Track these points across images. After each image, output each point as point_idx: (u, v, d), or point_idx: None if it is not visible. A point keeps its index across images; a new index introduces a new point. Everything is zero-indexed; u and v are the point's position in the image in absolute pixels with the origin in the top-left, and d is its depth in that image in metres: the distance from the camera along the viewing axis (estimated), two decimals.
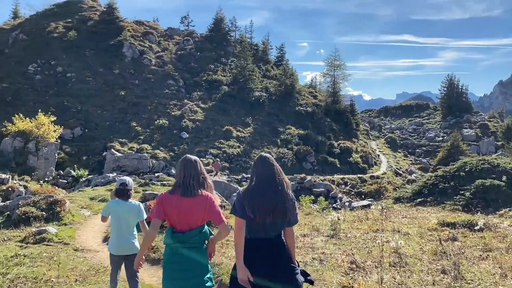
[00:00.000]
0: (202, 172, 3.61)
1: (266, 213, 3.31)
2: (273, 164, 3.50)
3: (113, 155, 29.06)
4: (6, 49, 48.23)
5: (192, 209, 3.43)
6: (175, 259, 3.46)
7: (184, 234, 3.42)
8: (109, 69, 44.62)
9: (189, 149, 33.03)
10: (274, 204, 3.33)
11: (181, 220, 3.42)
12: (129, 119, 37.19)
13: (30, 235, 10.89)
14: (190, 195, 3.44)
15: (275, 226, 3.38)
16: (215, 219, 3.54)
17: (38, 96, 38.20)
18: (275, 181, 3.42)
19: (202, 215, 3.49)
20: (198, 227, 3.48)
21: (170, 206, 3.43)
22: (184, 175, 3.51)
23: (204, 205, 3.48)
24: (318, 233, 11.87)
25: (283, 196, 3.39)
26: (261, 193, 3.36)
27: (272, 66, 62.80)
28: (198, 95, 43.43)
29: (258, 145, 37.17)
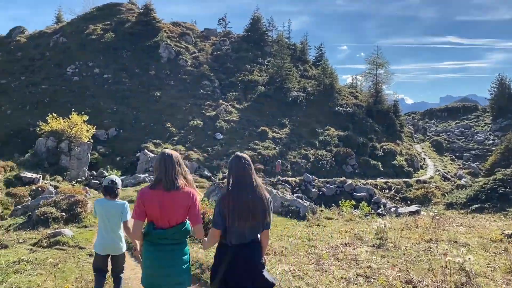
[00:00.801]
0: (182, 166, 3.55)
1: (246, 218, 3.27)
2: (249, 165, 3.43)
3: (146, 156, 28.63)
4: (47, 52, 49.62)
5: (175, 203, 3.37)
6: (155, 255, 3.42)
7: (165, 231, 3.38)
8: (145, 70, 44.74)
9: (223, 150, 32.21)
10: (253, 208, 3.29)
11: (163, 215, 3.36)
12: (164, 120, 36.88)
13: (44, 237, 10.19)
14: (174, 188, 3.36)
15: (253, 230, 3.36)
16: (192, 219, 3.46)
17: (75, 97, 38.69)
18: (252, 183, 3.36)
19: (184, 211, 3.42)
20: (179, 224, 3.41)
21: (151, 201, 3.36)
22: (165, 169, 3.42)
23: (187, 201, 3.41)
24: (361, 243, 10.50)
25: (261, 199, 3.34)
26: (240, 198, 3.30)
27: (311, 66, 61.24)
28: (233, 96, 42.64)
29: (295, 146, 35.76)
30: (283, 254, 8.69)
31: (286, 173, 30.77)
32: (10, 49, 53.42)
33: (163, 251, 3.42)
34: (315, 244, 10.18)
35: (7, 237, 10.92)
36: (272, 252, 8.74)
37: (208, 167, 29.14)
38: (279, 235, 11.65)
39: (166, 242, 3.41)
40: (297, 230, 13.08)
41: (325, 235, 12.29)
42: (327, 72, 51.31)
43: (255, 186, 3.38)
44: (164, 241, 3.41)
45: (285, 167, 31.55)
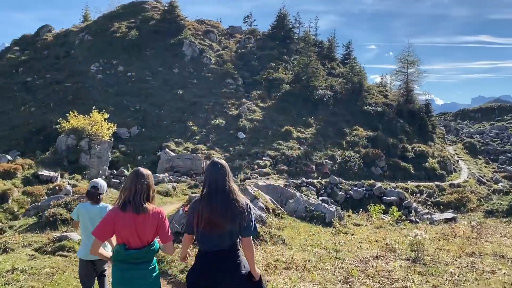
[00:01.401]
0: (151, 186, 3.61)
1: (217, 224, 3.26)
2: (224, 171, 3.47)
3: (167, 155, 28.14)
4: (72, 50, 50.16)
5: (146, 225, 3.47)
6: (127, 275, 3.47)
7: (138, 251, 3.46)
8: (169, 68, 44.50)
9: (245, 149, 31.40)
10: (225, 214, 3.28)
11: (134, 238, 3.44)
12: (186, 118, 36.40)
13: (49, 241, 9.58)
14: (143, 211, 3.45)
15: (227, 236, 3.32)
16: (163, 237, 3.57)
17: (98, 95, 38.73)
18: (225, 189, 3.37)
19: (154, 231, 3.53)
20: (150, 244, 3.53)
21: (123, 224, 3.42)
22: (135, 190, 3.49)
23: (156, 221, 3.52)
24: (394, 255, 9.43)
25: (233, 204, 3.33)
26: (211, 203, 3.32)
27: (338, 64, 59.75)
28: (257, 94, 41.78)
29: (321, 147, 34.57)
30: (306, 268, 7.73)
31: (311, 175, 29.67)
32: (37, 48, 54.38)
33: (136, 270, 3.49)
34: (342, 256, 9.18)
35: (13, 239, 10.38)
36: (294, 266, 7.80)
37: (230, 167, 28.29)
38: (302, 244, 10.67)
39: (137, 261, 3.49)
40: (322, 239, 12.07)
41: (353, 244, 11.26)
42: (355, 70, 49.76)
43: (228, 191, 3.37)
44: (136, 260, 3.48)
45: (310, 168, 30.42)
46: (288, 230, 13.03)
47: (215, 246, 3.31)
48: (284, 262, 8.08)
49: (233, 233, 3.34)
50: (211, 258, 3.31)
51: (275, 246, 9.88)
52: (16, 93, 41.99)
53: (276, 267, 7.60)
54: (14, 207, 16.92)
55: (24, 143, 32.48)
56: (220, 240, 3.31)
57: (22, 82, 44.10)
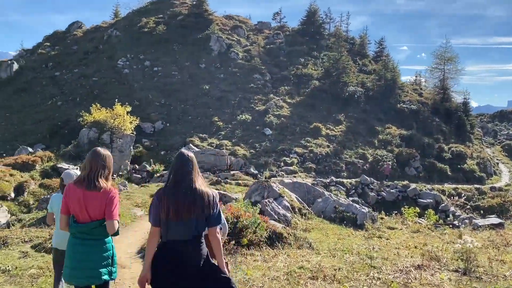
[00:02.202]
0: (109, 166, 3.76)
1: (179, 212, 3.29)
2: (191, 161, 3.48)
3: (190, 150, 27.31)
4: (100, 45, 50.37)
5: (95, 202, 3.58)
6: (75, 249, 3.58)
7: (84, 225, 3.57)
8: (195, 63, 43.87)
9: (271, 146, 30.23)
10: (187, 202, 3.30)
11: (82, 211, 3.57)
12: (211, 113, 35.58)
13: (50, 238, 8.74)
14: (94, 189, 3.59)
15: (190, 226, 3.33)
16: (107, 213, 3.61)
17: (124, 89, 38.46)
18: (190, 179, 3.39)
19: (102, 209, 3.61)
20: (98, 220, 3.60)
21: (73, 198, 3.58)
22: (90, 168, 3.64)
23: (105, 198, 3.61)
24: (439, 265, 8.13)
25: (197, 194, 3.34)
26: (175, 191, 3.34)
27: (370, 61, 57.73)
28: (285, 90, 40.53)
29: (351, 145, 32.98)
30: (335, 279, 6.51)
31: (341, 174, 28.22)
32: (66, 43, 55.04)
33: (83, 245, 3.57)
34: (378, 265, 7.91)
35: (14, 234, 9.63)
36: (321, 276, 6.58)
37: (255, 164, 27.27)
38: (331, 248, 9.44)
39: (87, 236, 3.57)
40: (353, 243, 10.78)
41: (389, 251, 9.93)
42: (388, 66, 47.73)
43: (193, 182, 3.39)
44: (84, 236, 3.57)
45: (339, 167, 28.96)
46: (315, 232, 11.81)
47: (180, 236, 3.32)
48: (310, 270, 6.89)
49: (199, 223, 3.35)
50: (175, 248, 3.32)
51: (300, 250, 8.70)
52: (44, 87, 42.39)
53: (300, 276, 6.42)
54: (29, 200, 16.42)
55: (49, 137, 32.47)
56: (185, 230, 3.32)
57: (50, 77, 44.53)
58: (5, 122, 36.94)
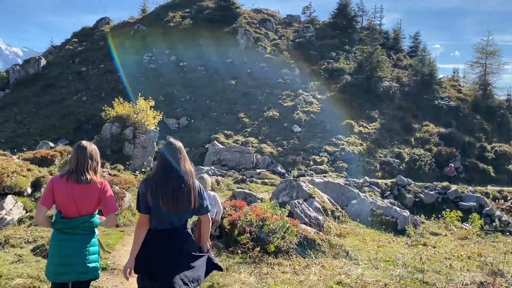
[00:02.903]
0: (95, 157, 3.73)
1: (169, 202, 3.32)
2: (179, 151, 3.49)
3: (215, 147, 26.49)
4: (126, 41, 50.34)
5: (85, 196, 3.53)
6: (63, 245, 3.48)
7: (72, 220, 3.49)
8: (222, 58, 43.07)
9: (300, 144, 29.01)
10: (176, 192, 3.34)
11: (71, 206, 3.49)
12: (237, 110, 34.67)
13: None
14: (83, 181, 3.53)
15: (179, 215, 3.41)
16: (104, 209, 3.62)
17: (149, 84, 38.06)
18: (178, 169, 3.41)
19: (94, 203, 3.59)
20: (87, 215, 3.56)
21: (60, 192, 3.48)
22: (78, 161, 3.58)
23: (97, 192, 3.59)
24: (507, 284, 6.88)
25: (185, 184, 3.39)
26: (163, 181, 3.37)
27: (405, 55, 55.60)
28: (315, 85, 39.14)
29: (386, 143, 31.36)
30: None
31: (375, 174, 26.73)
32: (93, 39, 55.43)
33: (69, 240, 3.50)
34: (431, 281, 6.69)
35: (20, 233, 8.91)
36: None
37: (282, 162, 26.15)
38: (372, 258, 8.24)
39: (75, 231, 3.51)
40: (396, 251, 9.54)
41: (439, 262, 8.65)
42: (425, 61, 45.56)
43: (182, 172, 3.42)
44: (71, 231, 3.50)
45: (373, 166, 27.48)
46: (351, 238, 10.61)
47: (167, 224, 3.39)
48: (351, 286, 5.74)
49: (188, 211, 3.46)
50: (165, 236, 3.38)
51: (336, 260, 7.56)
52: (70, 82, 42.60)
53: None
54: None
55: (73, 132, 32.40)
56: (175, 218, 3.40)
57: (76, 72, 44.78)
58: (32, 117, 37.21)
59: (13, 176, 16.03)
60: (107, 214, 3.63)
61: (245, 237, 7.30)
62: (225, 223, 7.54)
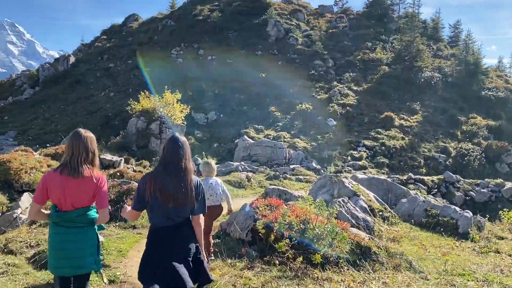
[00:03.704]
0: (92, 149, 3.55)
1: (167, 199, 3.26)
2: (182, 148, 3.40)
3: (244, 142, 25.19)
4: (155, 36, 49.91)
5: (79, 190, 3.40)
6: (59, 238, 3.41)
7: (67, 213, 3.38)
8: (251, 50, 41.79)
9: (336, 138, 27.31)
10: (176, 189, 3.28)
11: (66, 200, 3.37)
12: (268, 103, 33.25)
13: None
14: (78, 175, 3.38)
15: (177, 212, 3.34)
16: (98, 202, 3.49)
17: (177, 79, 37.16)
18: (180, 165, 3.34)
19: (89, 197, 3.45)
20: (83, 208, 3.44)
21: (54, 186, 3.37)
22: (72, 153, 3.43)
23: (93, 186, 3.44)
24: None
25: (186, 182, 3.33)
26: (164, 177, 3.30)
27: (445, 45, 52.74)
28: (350, 77, 37.24)
29: (430, 137, 29.20)
30: None
31: (418, 171, 24.75)
32: (122, 36, 55.38)
33: (66, 234, 3.41)
34: None
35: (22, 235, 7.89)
36: None
37: (317, 158, 24.56)
38: (441, 270, 6.66)
39: (71, 224, 3.41)
40: (466, 260, 7.92)
41: None
42: (469, 49, 42.73)
43: (182, 169, 3.34)
44: (68, 224, 3.41)
45: (417, 162, 25.47)
46: (406, 243, 9.01)
47: (166, 221, 3.33)
48: None
49: (186, 209, 3.37)
50: (165, 234, 3.33)
51: (399, 273, 6.04)
52: (98, 79, 42.38)
53: None
54: None
55: (100, 129, 31.87)
56: (173, 215, 3.32)
57: (104, 68, 44.58)
58: (59, 114, 37.08)
59: (32, 172, 15.21)
60: (99, 209, 3.47)
61: (283, 243, 5.90)
62: (258, 226, 6.16)
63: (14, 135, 33.43)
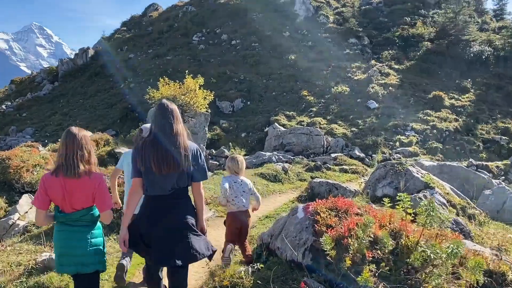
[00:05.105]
0: (87, 147, 3.41)
1: (160, 166, 3.14)
2: (171, 112, 3.33)
3: (275, 130, 22.88)
4: (175, 24, 48.10)
5: (77, 191, 3.28)
6: (63, 236, 3.33)
7: (70, 214, 3.30)
8: (278, 32, 39.27)
9: (379, 122, 24.62)
10: (168, 156, 3.17)
11: (65, 202, 3.28)
12: (300, 87, 30.76)
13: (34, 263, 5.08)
14: (73, 175, 3.26)
15: (171, 179, 3.21)
16: (98, 204, 3.38)
17: (199, 66, 35.20)
18: (171, 132, 3.24)
19: (88, 198, 3.34)
20: (85, 208, 3.35)
21: (53, 189, 3.27)
22: (66, 152, 3.30)
23: (91, 187, 3.32)
24: None
25: (177, 144, 3.21)
26: (154, 142, 3.21)
27: (491, 18, 48.77)
28: (389, 54, 34.23)
29: (486, 117, 26.09)
30: None
31: (477, 156, 21.84)
32: (141, 25, 53.89)
33: (70, 232, 3.34)
34: None
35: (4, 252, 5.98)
36: None
37: (360, 145, 21.98)
38: None
39: (75, 223, 3.33)
40: None
41: None
42: None
43: (173, 132, 3.24)
44: (72, 223, 3.33)
45: (475, 146, 22.54)
46: None
47: (160, 190, 3.21)
48: None
49: (180, 177, 3.23)
50: (155, 202, 3.22)
51: None
52: (118, 70, 40.85)
53: None
54: None
55: (120, 122, 30.28)
56: (168, 183, 3.19)
57: (124, 60, 42.99)
58: (78, 108, 35.76)
59: (35, 170, 13.41)
60: (101, 212, 3.36)
61: (367, 273, 3.56)
62: (325, 245, 3.84)
63: (31, 132, 32.26)
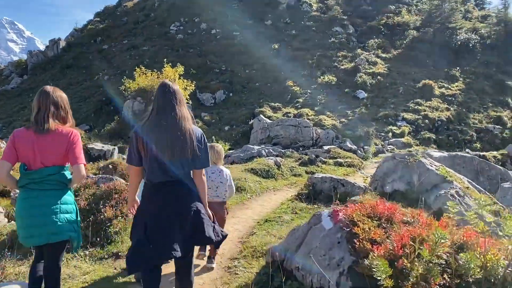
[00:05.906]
0: (63, 105, 3.16)
1: (164, 148, 2.87)
2: (173, 94, 2.99)
3: (261, 123, 21.75)
4: (151, 13, 46.39)
5: (49, 146, 3.04)
6: (29, 203, 3.02)
7: (36, 172, 3.02)
8: (260, 21, 38.15)
9: (369, 113, 23.84)
10: (171, 141, 2.89)
11: (36, 158, 3.04)
12: (284, 77, 29.71)
13: None
14: (43, 131, 3.03)
15: (177, 165, 2.94)
16: (71, 158, 3.06)
17: (178, 57, 33.69)
18: (174, 113, 2.94)
19: (60, 154, 3.06)
20: (54, 166, 3.05)
21: (23, 143, 3.05)
22: (38, 108, 3.10)
23: (63, 142, 3.04)
24: None
25: (183, 130, 2.92)
26: (155, 127, 2.91)
27: (474, 7, 48.64)
28: (375, 43, 33.51)
29: (478, 106, 25.60)
30: None
31: (472, 146, 21.23)
32: (116, 16, 51.90)
33: (36, 198, 3.01)
34: None
35: None
36: None
37: (351, 136, 21.08)
38: None
39: (42, 187, 3.02)
40: None
41: None
42: (506, 9, 38.70)
43: (177, 116, 2.93)
44: (37, 186, 3.01)
45: (469, 136, 21.93)
46: None
47: (163, 177, 2.94)
48: None
49: (184, 163, 2.96)
50: (161, 191, 2.97)
51: None
52: (91, 62, 39.03)
53: None
54: None
55: (94, 116, 28.68)
56: (167, 169, 2.93)
57: (98, 51, 41.20)
58: None
59: None
60: (72, 165, 3.03)
61: None
62: (375, 267, 2.72)
63: None
